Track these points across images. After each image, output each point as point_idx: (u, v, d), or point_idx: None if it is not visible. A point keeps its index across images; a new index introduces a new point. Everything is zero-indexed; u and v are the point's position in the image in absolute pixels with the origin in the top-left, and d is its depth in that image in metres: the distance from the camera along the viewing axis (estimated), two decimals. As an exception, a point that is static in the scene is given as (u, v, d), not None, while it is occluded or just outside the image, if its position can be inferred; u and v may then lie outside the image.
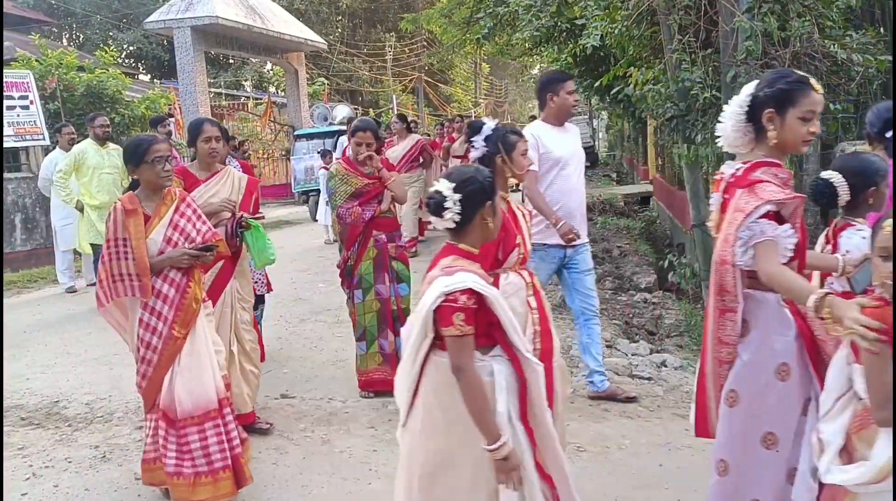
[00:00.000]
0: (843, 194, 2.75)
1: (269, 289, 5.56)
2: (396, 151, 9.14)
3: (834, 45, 4.70)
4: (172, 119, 13.72)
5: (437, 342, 2.26)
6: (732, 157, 5.63)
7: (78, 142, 8.52)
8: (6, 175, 10.82)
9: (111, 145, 7.88)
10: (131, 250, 3.16)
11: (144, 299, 3.21)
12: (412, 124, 11.04)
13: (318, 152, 12.86)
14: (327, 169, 11.30)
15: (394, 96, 32.54)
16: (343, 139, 11.36)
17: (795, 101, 2.35)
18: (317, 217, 12.50)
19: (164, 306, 3.23)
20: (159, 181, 3.27)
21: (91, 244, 7.75)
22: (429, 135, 14.06)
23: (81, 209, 7.68)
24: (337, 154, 11.04)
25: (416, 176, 9.34)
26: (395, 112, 26.60)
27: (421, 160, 9.51)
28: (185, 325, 3.24)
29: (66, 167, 7.66)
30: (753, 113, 2.43)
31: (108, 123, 7.98)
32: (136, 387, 3.34)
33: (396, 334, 4.58)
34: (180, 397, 3.18)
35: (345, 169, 4.68)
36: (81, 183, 7.69)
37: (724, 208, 2.50)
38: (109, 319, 3.41)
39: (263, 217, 4.23)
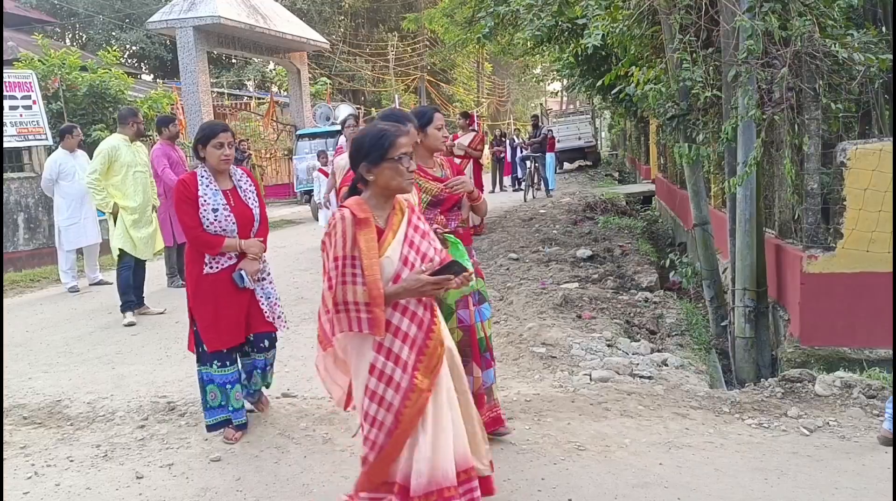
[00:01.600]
0: None
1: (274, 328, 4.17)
2: (346, 158, 8.53)
3: (835, 44, 4.69)
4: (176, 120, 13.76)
5: None
6: (734, 156, 5.63)
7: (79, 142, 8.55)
8: (9, 175, 10.86)
9: (139, 143, 7.26)
10: (361, 271, 2.46)
11: (377, 337, 2.49)
12: None
13: (317, 153, 12.84)
14: (324, 171, 11.26)
15: (396, 96, 32.54)
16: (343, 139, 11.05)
17: None
18: (318, 216, 12.51)
19: (403, 349, 2.52)
20: (403, 185, 2.56)
21: (119, 250, 6.91)
22: None
23: (116, 215, 6.86)
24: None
25: None
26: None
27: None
28: (428, 373, 2.53)
29: (101, 167, 6.83)
30: None
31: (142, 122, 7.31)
32: (361, 463, 2.59)
33: (485, 366, 3.79)
34: (419, 466, 2.48)
35: (416, 174, 3.79)
36: (111, 183, 6.88)
37: None
38: (321, 364, 2.63)
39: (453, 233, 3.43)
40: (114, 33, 28.55)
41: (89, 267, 8.85)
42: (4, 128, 10.44)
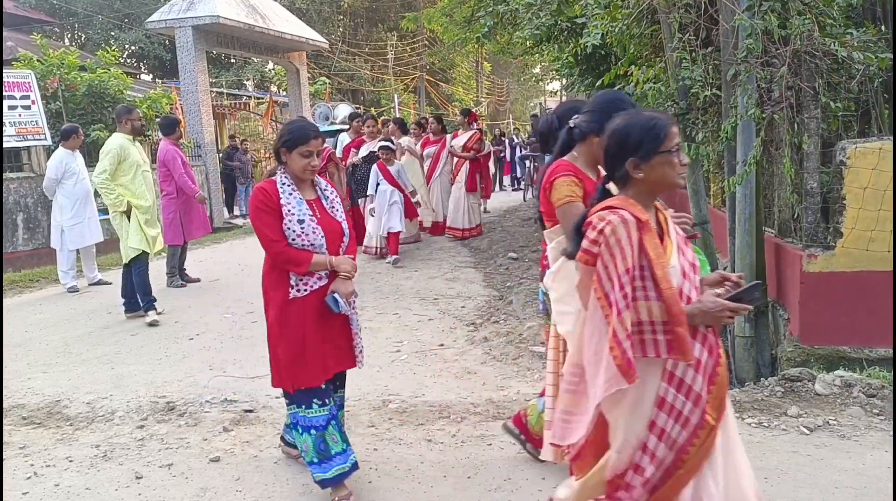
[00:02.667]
0: None
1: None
2: None
3: (834, 42, 4.69)
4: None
5: None
6: (733, 155, 5.62)
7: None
8: (8, 175, 10.85)
9: (136, 141, 7.09)
10: (654, 283, 2.10)
11: (685, 361, 2.12)
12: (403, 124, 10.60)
13: None
14: None
15: (395, 95, 32.55)
16: (343, 136, 10.83)
17: None
18: None
19: (696, 379, 2.16)
20: (677, 181, 2.22)
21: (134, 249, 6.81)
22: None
23: (128, 214, 6.78)
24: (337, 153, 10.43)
25: None
26: (397, 112, 26.59)
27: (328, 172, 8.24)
28: (717, 406, 2.20)
29: (110, 167, 6.71)
30: None
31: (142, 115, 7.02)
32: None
33: None
34: None
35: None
36: (120, 183, 6.77)
37: None
38: (609, 402, 2.13)
39: (696, 235, 3.01)
40: (113, 33, 28.53)
41: (87, 267, 8.85)
42: (3, 128, 10.44)
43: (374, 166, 9.05)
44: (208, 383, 5.02)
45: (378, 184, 9.03)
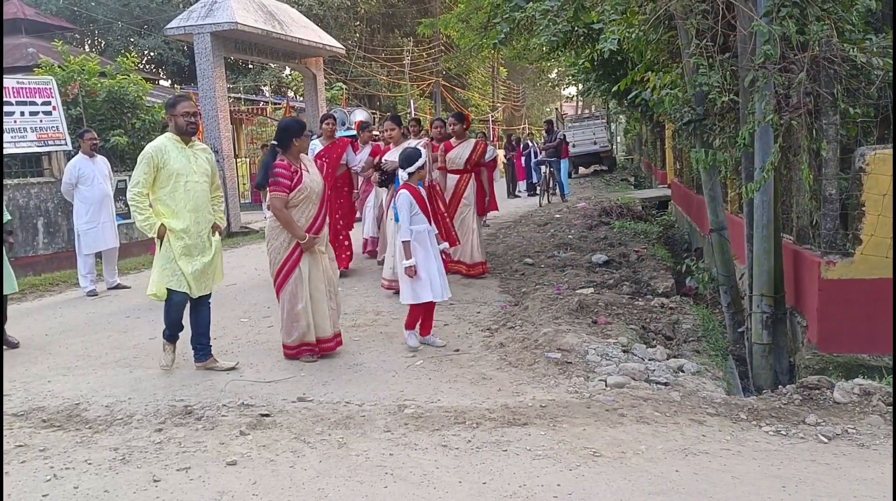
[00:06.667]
0: None
1: None
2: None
3: (853, 48, 4.66)
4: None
5: None
6: (751, 161, 5.58)
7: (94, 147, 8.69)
8: (29, 180, 11.00)
9: (199, 143, 5.53)
10: None
11: None
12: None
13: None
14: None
15: (411, 101, 32.65)
16: (316, 143, 8.78)
17: None
18: None
19: None
20: None
21: (168, 290, 5.28)
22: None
23: (162, 238, 5.23)
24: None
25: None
26: (412, 116, 26.57)
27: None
28: None
29: (144, 177, 5.14)
30: None
31: (196, 110, 5.59)
32: None
33: None
34: None
35: None
36: (157, 198, 5.25)
37: None
38: None
39: None
40: (132, 39, 28.87)
41: (108, 272, 8.94)
42: (25, 134, 10.60)
43: (402, 192, 5.84)
44: (225, 387, 5.05)
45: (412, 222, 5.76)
